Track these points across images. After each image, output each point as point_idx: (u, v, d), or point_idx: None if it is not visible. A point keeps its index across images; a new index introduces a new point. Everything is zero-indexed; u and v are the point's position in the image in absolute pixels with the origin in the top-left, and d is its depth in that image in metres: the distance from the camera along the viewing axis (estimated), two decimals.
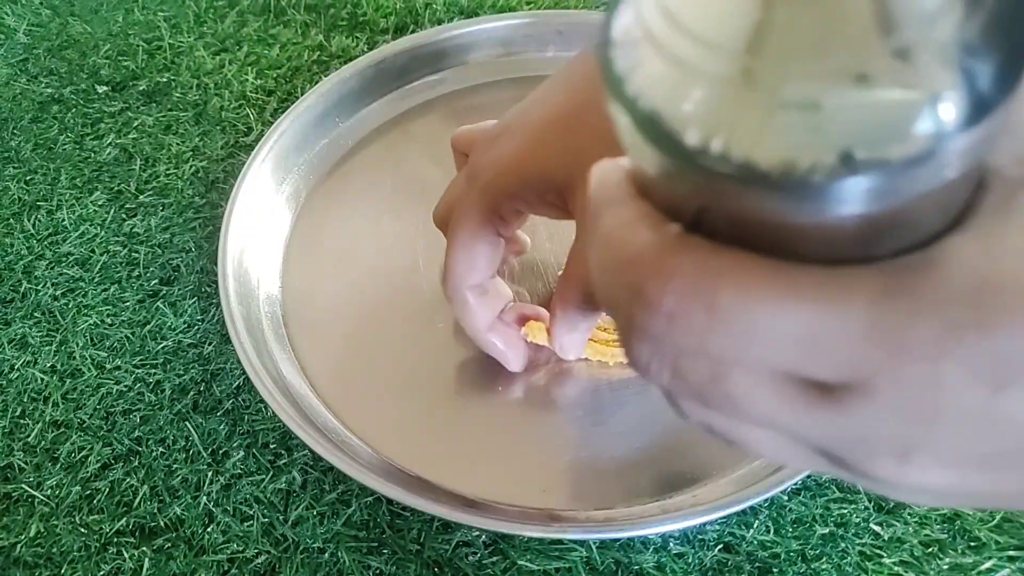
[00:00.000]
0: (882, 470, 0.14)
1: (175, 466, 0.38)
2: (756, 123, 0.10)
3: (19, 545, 0.36)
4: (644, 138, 0.11)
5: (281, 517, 0.36)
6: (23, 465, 0.38)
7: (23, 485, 0.37)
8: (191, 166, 0.49)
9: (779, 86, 0.10)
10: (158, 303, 0.43)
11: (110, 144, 0.51)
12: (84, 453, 0.38)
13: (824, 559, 0.34)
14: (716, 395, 0.14)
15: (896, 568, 0.34)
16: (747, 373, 0.14)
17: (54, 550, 0.36)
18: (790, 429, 0.15)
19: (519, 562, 0.34)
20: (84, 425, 0.39)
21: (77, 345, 0.42)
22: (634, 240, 0.13)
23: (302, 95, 0.49)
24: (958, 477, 0.14)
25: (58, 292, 0.44)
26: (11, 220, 0.47)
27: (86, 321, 0.43)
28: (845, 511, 0.35)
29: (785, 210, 0.11)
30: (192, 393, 0.40)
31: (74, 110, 0.53)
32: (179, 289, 0.44)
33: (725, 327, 0.13)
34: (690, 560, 0.34)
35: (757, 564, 0.34)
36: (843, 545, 0.34)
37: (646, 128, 0.11)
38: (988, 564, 0.34)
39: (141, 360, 0.41)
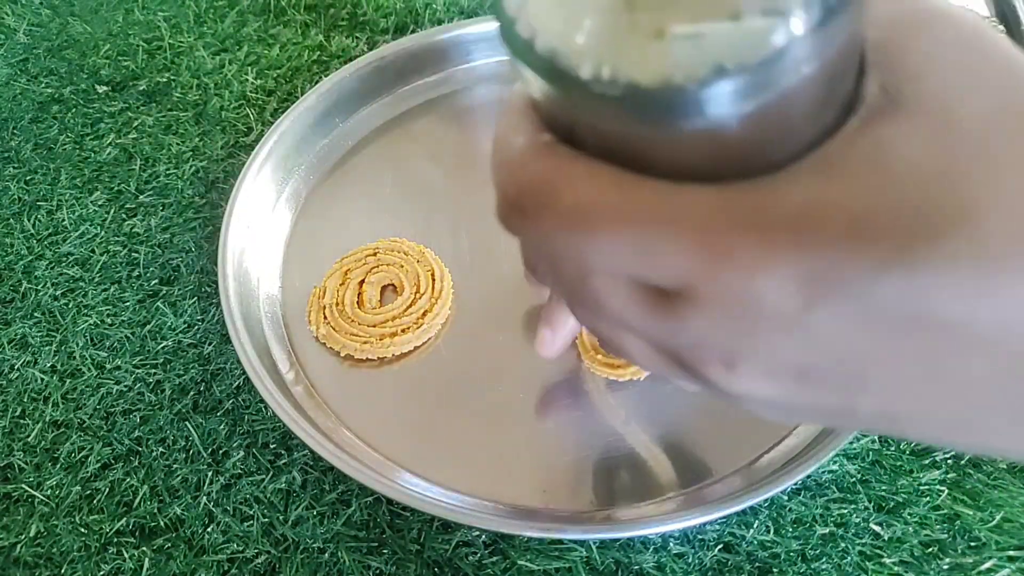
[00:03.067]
0: (714, 375, 0.16)
1: (175, 466, 0.38)
2: (639, 53, 0.11)
3: (19, 545, 0.36)
4: (537, 72, 0.12)
5: (281, 517, 0.36)
6: (23, 465, 0.38)
7: (23, 485, 0.37)
8: (191, 166, 0.49)
9: (664, 24, 0.11)
10: (158, 303, 0.43)
11: (110, 144, 0.51)
12: (84, 453, 0.38)
13: (824, 559, 0.34)
14: (583, 296, 0.16)
15: (896, 568, 0.34)
16: (604, 277, 0.15)
17: (54, 550, 0.36)
18: (641, 332, 0.16)
19: (519, 562, 0.34)
20: (84, 425, 0.39)
21: (77, 345, 0.42)
22: (510, 143, 0.15)
23: (302, 95, 0.49)
24: (780, 389, 0.15)
25: (58, 292, 0.44)
26: (11, 220, 0.47)
27: (86, 321, 0.43)
28: (845, 511, 0.35)
29: (659, 123, 0.12)
30: (192, 393, 0.40)
31: (74, 110, 0.53)
32: (179, 289, 0.44)
33: (567, 228, 0.14)
34: (690, 560, 0.34)
35: (757, 564, 0.34)
36: (843, 545, 0.34)
37: (541, 64, 0.12)
38: (988, 564, 0.34)
39: (141, 360, 0.41)
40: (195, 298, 0.43)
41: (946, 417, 0.15)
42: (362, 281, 0.43)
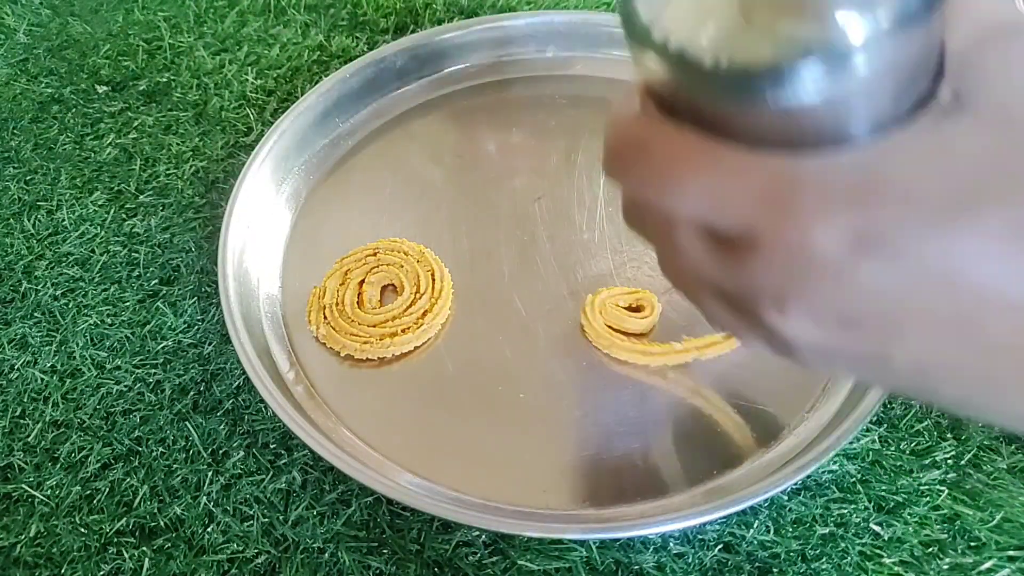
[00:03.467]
0: (768, 317, 0.17)
1: (175, 466, 0.38)
2: (754, 48, 0.15)
3: (19, 545, 0.36)
4: (664, 64, 0.16)
5: (281, 517, 0.36)
6: (23, 465, 0.38)
7: (23, 485, 0.37)
8: (191, 166, 0.49)
9: (772, 29, 0.14)
10: (158, 303, 0.43)
11: (110, 144, 0.51)
12: (84, 453, 0.38)
13: (824, 559, 0.34)
14: (666, 242, 0.19)
15: (896, 568, 0.34)
16: (684, 225, 0.18)
17: (54, 550, 0.36)
18: (711, 276, 0.18)
19: (519, 562, 0.34)
20: (84, 425, 0.39)
21: (77, 345, 0.42)
22: (621, 109, 0.18)
23: (302, 95, 0.49)
24: (825, 333, 0.17)
25: (58, 292, 0.44)
26: (11, 220, 0.47)
27: (86, 321, 0.43)
28: (845, 511, 0.35)
29: (756, 99, 0.15)
30: (192, 393, 0.40)
31: (74, 110, 0.53)
32: (179, 289, 0.44)
33: (656, 175, 0.17)
34: (690, 560, 0.34)
35: (757, 564, 0.34)
36: (843, 545, 0.34)
37: (671, 58, 0.16)
38: (988, 564, 0.34)
39: (141, 360, 0.41)
40: (195, 298, 0.43)
41: (972, 376, 0.17)
42: (362, 281, 0.43)
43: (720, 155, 0.16)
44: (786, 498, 0.35)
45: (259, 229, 0.45)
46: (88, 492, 0.37)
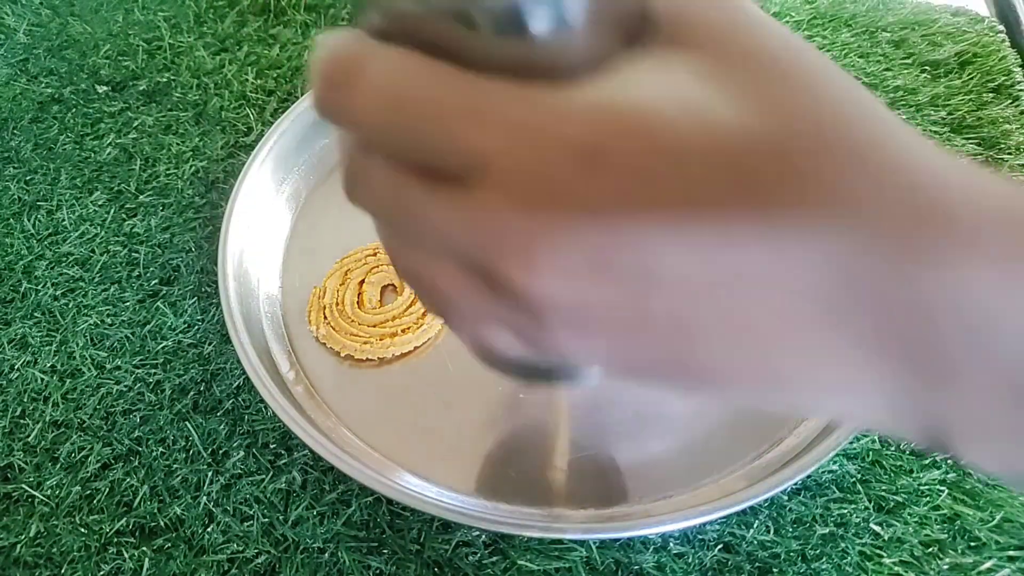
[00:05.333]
0: (512, 271, 0.14)
1: (175, 466, 0.38)
2: None
3: (19, 545, 0.36)
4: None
5: (281, 517, 0.36)
6: (23, 465, 0.38)
7: (23, 485, 0.37)
8: (191, 166, 0.49)
9: None
10: (158, 303, 0.43)
11: (110, 144, 0.51)
12: (84, 453, 0.38)
13: (824, 559, 0.34)
14: (390, 200, 0.16)
15: (896, 568, 0.34)
16: (404, 167, 0.15)
17: (54, 550, 0.36)
18: (444, 232, 0.15)
19: (519, 562, 0.34)
20: (84, 425, 0.39)
21: (77, 345, 0.42)
22: (332, 40, 0.15)
23: (302, 95, 0.49)
24: (578, 288, 0.14)
25: (58, 292, 0.44)
26: (11, 220, 0.47)
27: (86, 321, 0.43)
28: (845, 511, 0.35)
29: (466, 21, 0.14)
30: (192, 393, 0.40)
31: (74, 110, 0.53)
32: (179, 289, 0.44)
33: (379, 98, 0.15)
34: (690, 560, 0.34)
35: (757, 564, 0.34)
36: (843, 545, 0.34)
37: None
38: (988, 564, 0.34)
39: (141, 360, 0.41)
40: (195, 298, 0.43)
41: (724, 333, 0.15)
42: (362, 281, 0.43)
43: (448, 77, 0.14)
44: (786, 498, 0.35)
45: (259, 229, 0.45)
46: (88, 492, 0.37)
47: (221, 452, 0.38)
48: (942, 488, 0.35)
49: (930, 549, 0.34)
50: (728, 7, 0.15)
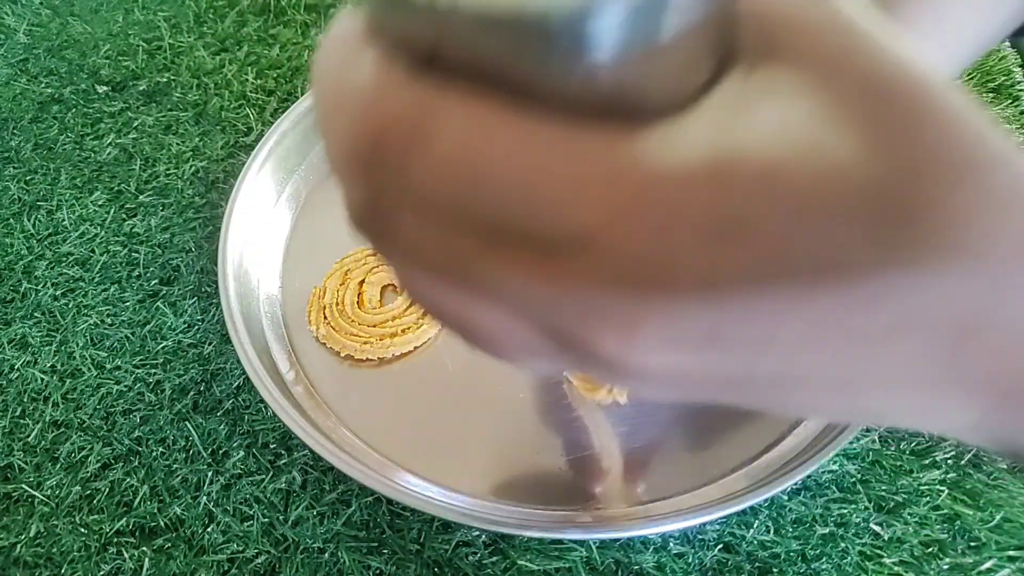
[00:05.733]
0: (609, 346, 0.13)
1: (175, 466, 0.38)
2: None
3: (19, 545, 0.36)
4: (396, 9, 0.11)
5: (281, 517, 0.36)
6: (23, 465, 0.38)
7: (23, 485, 0.37)
8: (191, 166, 0.49)
9: None
10: (158, 303, 0.43)
11: (110, 144, 0.51)
12: (84, 453, 0.38)
13: (824, 559, 0.34)
14: (446, 262, 0.13)
15: (896, 568, 0.34)
16: (476, 235, 0.12)
17: (54, 550, 0.36)
18: (518, 301, 0.13)
19: (519, 562, 0.34)
20: (84, 425, 0.39)
21: (77, 345, 0.42)
22: (351, 79, 0.12)
23: (302, 95, 0.49)
24: (683, 357, 0.13)
25: (58, 292, 0.44)
26: (11, 220, 0.47)
27: (86, 321, 0.43)
28: (845, 511, 0.35)
29: (517, 51, 0.11)
30: (192, 393, 0.40)
31: (74, 110, 0.53)
32: (179, 289, 0.44)
33: (447, 165, 0.11)
34: (690, 560, 0.34)
35: (757, 564, 0.34)
36: (843, 545, 0.34)
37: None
38: (988, 564, 0.34)
39: (141, 360, 0.41)
40: (195, 298, 0.43)
41: (830, 378, 0.13)
42: (362, 281, 0.43)
43: (534, 133, 0.11)
44: (786, 498, 0.35)
45: (259, 229, 0.45)
46: (88, 492, 0.37)
47: (221, 452, 0.38)
48: (942, 488, 0.35)
49: (930, 549, 0.34)
50: (824, 5, 0.12)
